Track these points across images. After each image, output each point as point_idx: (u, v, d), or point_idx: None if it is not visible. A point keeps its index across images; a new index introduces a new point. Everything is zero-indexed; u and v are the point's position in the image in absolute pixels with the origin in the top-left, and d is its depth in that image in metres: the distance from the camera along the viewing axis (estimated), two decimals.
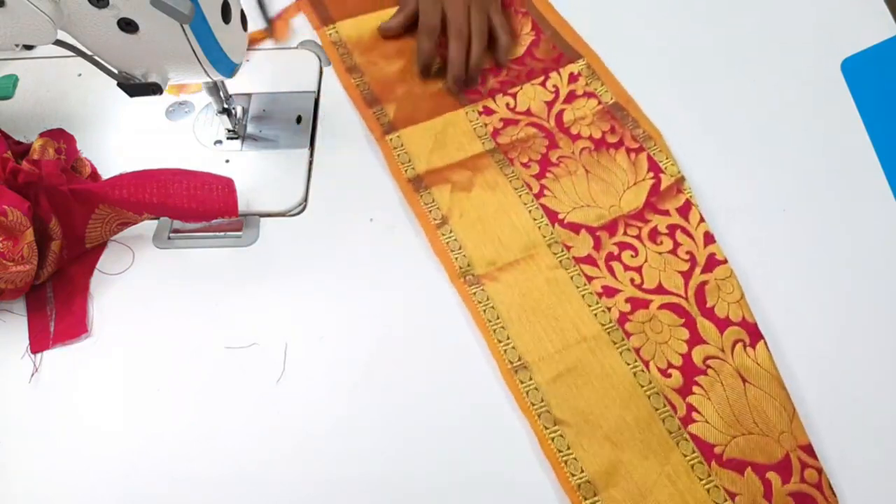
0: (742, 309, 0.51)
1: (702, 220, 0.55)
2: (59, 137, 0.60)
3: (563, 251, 0.55)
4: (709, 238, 0.54)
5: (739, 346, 0.49)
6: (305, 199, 0.59)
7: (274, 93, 0.65)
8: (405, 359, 0.51)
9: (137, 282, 0.55)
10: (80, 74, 0.67)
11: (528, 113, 0.63)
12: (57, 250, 0.54)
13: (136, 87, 0.51)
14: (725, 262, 0.53)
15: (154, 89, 0.51)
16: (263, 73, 0.66)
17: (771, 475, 0.45)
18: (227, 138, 0.62)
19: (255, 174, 0.60)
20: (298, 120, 0.63)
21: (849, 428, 0.48)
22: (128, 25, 0.46)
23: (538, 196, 0.58)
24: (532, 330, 0.51)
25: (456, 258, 0.55)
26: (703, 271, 0.53)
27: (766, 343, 0.49)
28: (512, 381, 0.49)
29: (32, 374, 0.52)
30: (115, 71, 0.50)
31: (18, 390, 0.51)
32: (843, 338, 0.52)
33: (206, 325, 0.53)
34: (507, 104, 0.64)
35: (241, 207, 0.56)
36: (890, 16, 0.67)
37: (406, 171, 0.59)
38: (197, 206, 0.54)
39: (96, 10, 0.45)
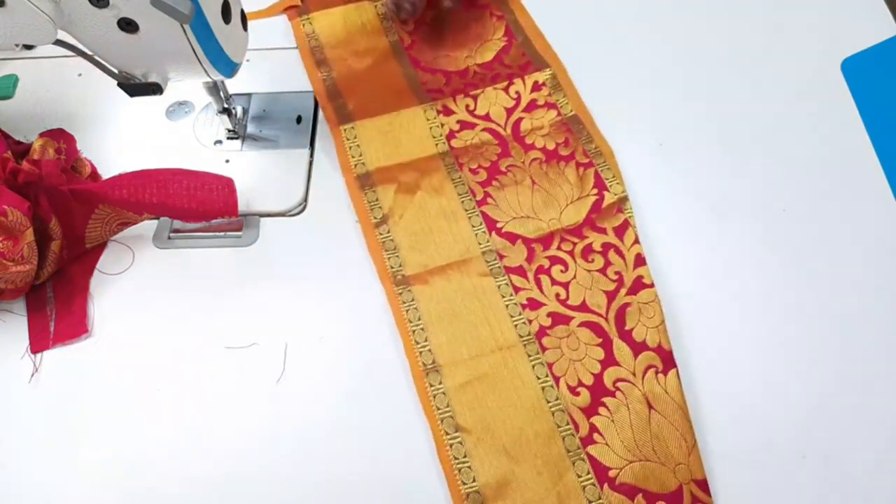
0: (660, 335, 0.50)
1: (636, 241, 0.55)
2: (59, 137, 0.60)
3: (495, 260, 0.55)
4: (640, 260, 0.54)
5: (651, 371, 0.49)
6: (305, 199, 0.59)
7: (274, 93, 0.65)
8: (405, 359, 0.51)
9: (137, 282, 0.56)
10: (80, 74, 0.67)
11: (486, 118, 0.63)
12: (57, 250, 0.54)
13: (136, 87, 0.51)
14: (652, 286, 0.52)
15: (154, 89, 0.51)
16: (263, 73, 0.66)
17: None
18: (227, 138, 0.62)
19: (255, 174, 0.60)
20: (298, 120, 0.63)
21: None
22: (128, 25, 0.46)
23: (480, 203, 0.58)
24: (450, 334, 0.51)
25: (388, 258, 0.55)
26: (629, 293, 0.52)
27: (677, 372, 0.49)
28: (421, 384, 0.49)
29: (32, 374, 0.52)
30: (115, 71, 0.50)
31: (18, 390, 0.51)
32: (842, 339, 0.52)
33: (206, 325, 0.53)
34: (468, 106, 0.63)
35: (241, 207, 0.56)
36: (890, 16, 0.67)
37: (356, 166, 0.60)
38: (197, 206, 0.54)
39: (96, 10, 0.45)
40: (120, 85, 0.51)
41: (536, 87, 0.64)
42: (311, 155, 0.62)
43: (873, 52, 0.65)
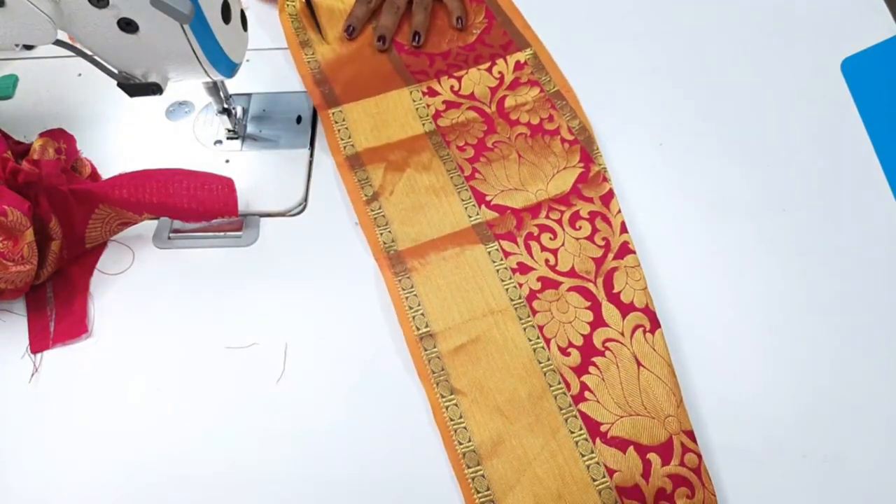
0: (646, 297, 0.52)
1: (619, 210, 0.56)
2: (59, 137, 0.60)
3: (486, 229, 0.56)
4: (624, 227, 0.55)
5: (639, 331, 0.50)
6: (305, 199, 0.59)
7: (274, 93, 0.65)
8: (405, 359, 0.51)
9: (137, 282, 0.56)
10: (80, 74, 0.67)
11: (471, 97, 0.64)
12: (57, 250, 0.54)
13: (136, 87, 0.51)
14: (635, 252, 0.54)
15: (154, 89, 0.51)
16: (263, 73, 0.66)
17: (652, 456, 0.46)
18: (227, 138, 0.62)
19: (255, 174, 0.60)
20: (298, 120, 0.63)
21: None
22: (128, 25, 0.46)
23: (469, 178, 0.59)
24: (443, 300, 0.53)
25: (381, 233, 0.56)
26: (615, 258, 0.54)
27: (662, 332, 0.50)
28: (416, 350, 0.51)
29: (32, 374, 0.52)
30: (115, 71, 0.50)
31: (18, 390, 0.51)
32: (842, 338, 0.52)
33: (206, 325, 0.53)
34: (452, 87, 0.65)
35: (241, 207, 0.56)
36: (890, 16, 0.67)
37: (345, 147, 0.61)
38: (197, 206, 0.54)
39: (96, 10, 0.45)
40: (120, 85, 0.51)
41: (518, 66, 0.66)
42: (311, 155, 0.62)
43: (873, 52, 0.65)
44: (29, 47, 0.67)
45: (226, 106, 0.59)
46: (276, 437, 0.49)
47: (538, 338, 0.51)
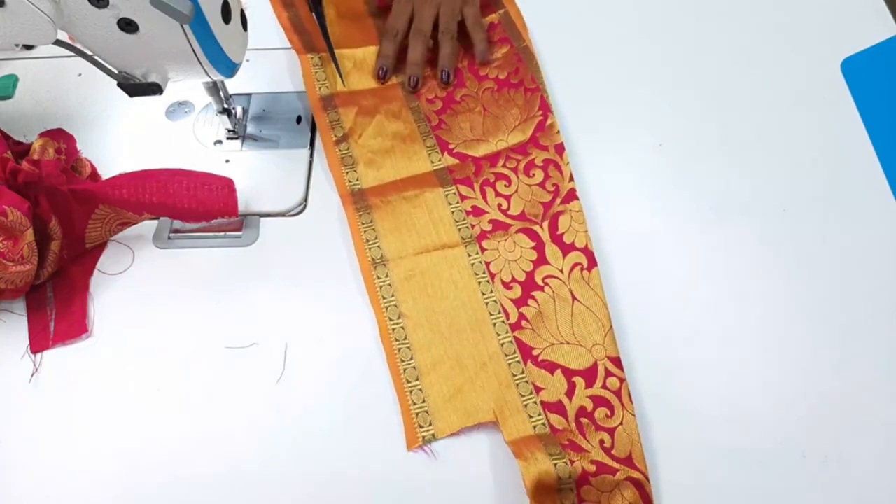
0: (586, 238, 0.55)
1: (568, 162, 0.59)
2: (59, 137, 0.60)
3: (446, 175, 0.60)
4: (572, 177, 0.58)
5: (577, 269, 0.54)
6: (305, 199, 0.59)
7: (274, 93, 0.65)
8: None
9: (137, 282, 0.56)
10: (80, 74, 0.67)
11: None
12: (57, 250, 0.54)
13: (136, 87, 0.51)
14: (579, 199, 0.57)
15: (154, 89, 0.51)
16: (263, 73, 0.66)
17: (577, 379, 0.50)
18: (227, 138, 0.62)
19: (255, 174, 0.60)
20: (298, 120, 0.64)
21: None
22: (128, 25, 0.46)
23: (435, 128, 0.63)
24: (398, 234, 0.56)
25: (347, 172, 0.60)
26: (563, 202, 0.57)
27: (598, 269, 0.54)
28: (369, 277, 0.54)
29: (32, 374, 0.52)
30: (115, 71, 0.50)
31: (18, 390, 0.51)
32: (842, 338, 0.52)
33: (206, 325, 0.53)
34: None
35: (241, 207, 0.56)
36: (890, 16, 0.67)
37: (320, 89, 0.64)
38: (197, 206, 0.54)
39: (96, 10, 0.45)
40: (120, 85, 0.51)
41: (493, 27, 0.68)
42: (311, 155, 0.62)
43: (873, 52, 0.65)
44: (29, 47, 0.67)
45: (226, 106, 0.59)
46: (276, 436, 0.49)
47: (484, 273, 0.55)
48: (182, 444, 0.49)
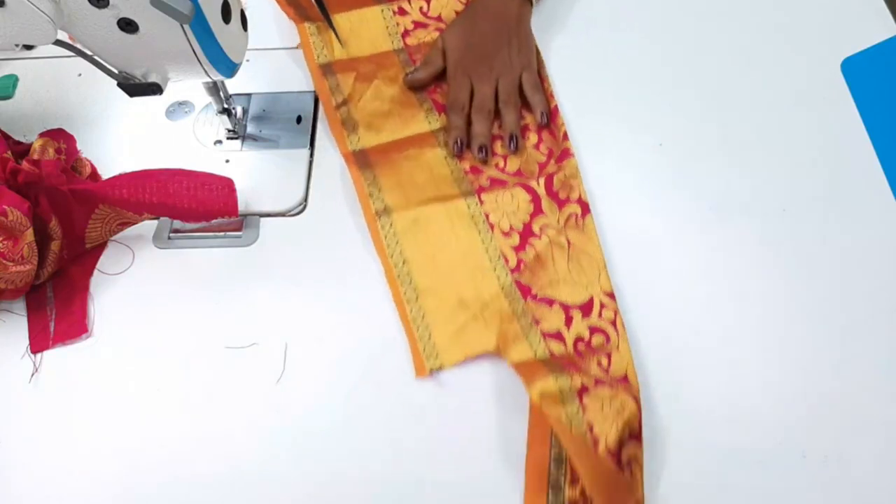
0: (580, 190, 0.58)
1: (563, 122, 0.62)
2: (59, 137, 0.60)
3: (445, 135, 0.62)
4: (566, 136, 0.61)
5: (573, 218, 0.57)
6: (305, 199, 0.59)
7: (274, 93, 0.65)
8: (405, 359, 0.51)
9: (137, 282, 0.56)
10: (80, 74, 0.67)
11: (438, 19, 0.69)
12: (57, 250, 0.54)
13: (136, 87, 0.51)
14: (573, 156, 0.59)
15: (154, 89, 0.51)
16: (263, 73, 0.66)
17: (574, 312, 0.53)
18: (227, 138, 0.62)
19: (255, 174, 0.60)
20: (298, 120, 0.64)
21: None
22: (128, 25, 0.46)
23: (431, 92, 0.65)
24: (400, 186, 0.59)
25: (348, 134, 0.62)
26: (557, 162, 0.60)
27: (592, 216, 0.57)
28: (374, 225, 0.57)
29: (32, 374, 0.52)
30: (115, 71, 0.50)
31: (18, 390, 0.51)
32: (842, 338, 0.52)
33: (206, 325, 0.53)
34: (421, 8, 0.69)
35: (241, 207, 0.56)
36: (890, 16, 0.67)
37: (318, 57, 0.66)
38: (197, 206, 0.54)
39: (96, 10, 0.45)
40: (120, 85, 0.51)
41: None
42: (311, 155, 0.62)
43: (873, 52, 0.65)
44: (29, 47, 0.67)
45: (226, 106, 0.59)
46: (276, 436, 0.49)
47: (484, 223, 0.57)
48: (182, 444, 0.49)
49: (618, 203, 0.58)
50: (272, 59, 0.68)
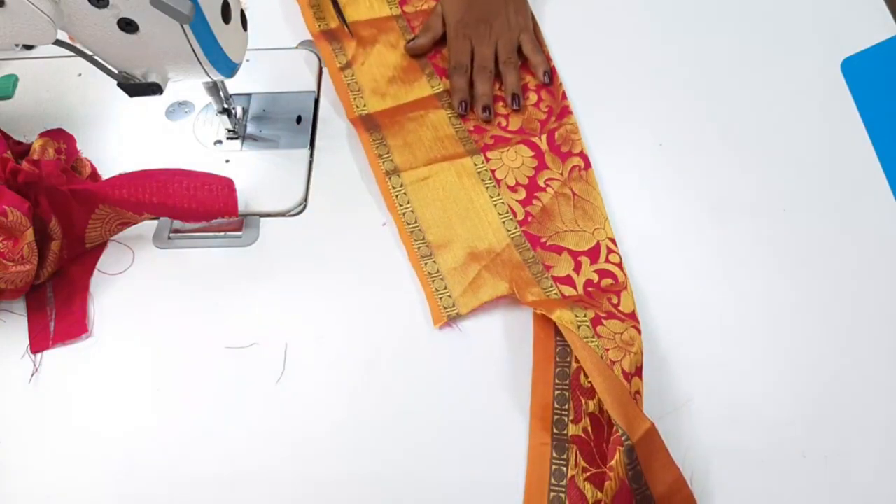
0: (581, 145, 0.60)
1: (561, 82, 0.64)
2: (59, 137, 0.60)
3: (447, 97, 0.64)
4: (564, 95, 0.63)
5: (576, 170, 0.59)
6: (305, 199, 0.59)
7: (274, 93, 0.65)
8: (405, 359, 0.51)
9: (137, 282, 0.56)
10: (80, 74, 0.67)
11: None
12: (57, 250, 0.54)
13: (136, 87, 0.51)
14: (573, 113, 0.62)
15: (154, 89, 0.51)
16: (263, 73, 0.66)
17: (582, 258, 0.55)
18: (227, 138, 0.62)
19: (255, 174, 0.60)
20: (298, 120, 0.64)
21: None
22: (128, 25, 0.46)
23: (431, 58, 0.67)
24: (407, 146, 0.61)
25: (354, 98, 0.64)
26: (557, 119, 0.62)
27: (593, 169, 0.59)
28: (384, 185, 0.59)
29: (32, 374, 0.52)
30: (115, 71, 0.50)
31: (18, 390, 0.51)
32: (842, 338, 0.52)
33: (206, 325, 0.53)
34: None
35: (241, 207, 0.56)
36: (890, 16, 0.67)
37: (319, 25, 0.68)
38: (197, 206, 0.54)
39: (96, 10, 0.45)
40: (120, 85, 0.51)
41: None
42: (311, 155, 0.62)
43: (873, 52, 0.65)
44: (29, 47, 0.67)
45: (226, 106, 0.59)
46: (276, 436, 0.49)
47: (490, 179, 0.59)
48: (182, 445, 0.49)
49: (617, 203, 0.58)
50: (272, 59, 0.68)
